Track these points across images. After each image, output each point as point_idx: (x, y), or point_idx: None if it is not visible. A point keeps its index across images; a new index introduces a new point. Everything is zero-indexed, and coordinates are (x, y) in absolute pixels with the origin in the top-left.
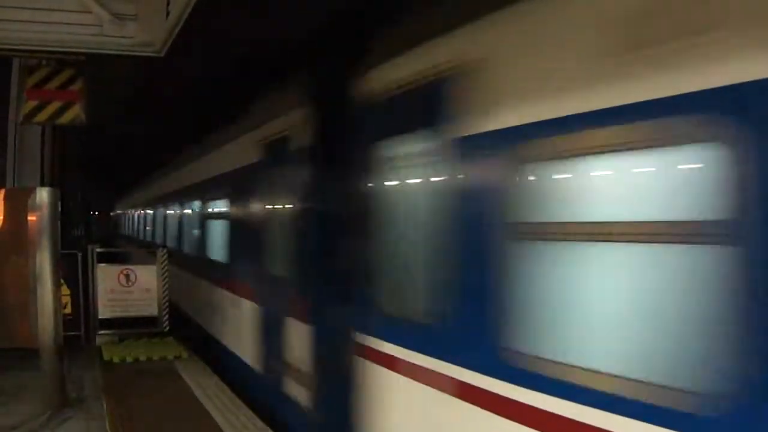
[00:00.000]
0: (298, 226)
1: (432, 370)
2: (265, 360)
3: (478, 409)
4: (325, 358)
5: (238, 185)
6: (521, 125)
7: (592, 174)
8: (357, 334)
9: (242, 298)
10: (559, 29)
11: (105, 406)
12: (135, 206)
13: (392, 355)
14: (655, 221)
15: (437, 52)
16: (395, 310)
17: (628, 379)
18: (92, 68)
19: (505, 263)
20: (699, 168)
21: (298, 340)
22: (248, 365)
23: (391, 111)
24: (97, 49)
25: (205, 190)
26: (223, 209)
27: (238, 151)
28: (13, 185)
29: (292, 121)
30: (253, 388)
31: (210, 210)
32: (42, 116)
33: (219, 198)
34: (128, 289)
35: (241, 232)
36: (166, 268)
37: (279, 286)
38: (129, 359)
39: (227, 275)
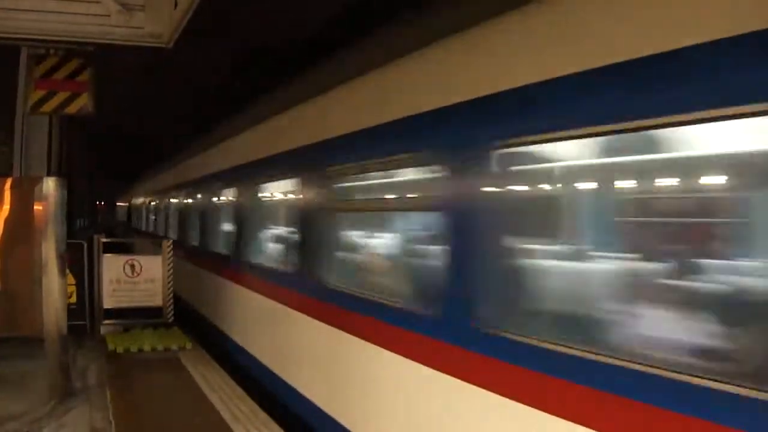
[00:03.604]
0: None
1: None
2: None
3: None
4: None
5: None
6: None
7: None
8: None
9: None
10: None
11: (109, 395)
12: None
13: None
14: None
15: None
16: None
17: None
18: (100, 58)
19: None
20: None
21: None
22: None
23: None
24: (105, 39)
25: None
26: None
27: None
28: (20, 175)
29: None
30: None
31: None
32: (49, 106)
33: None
34: (133, 279)
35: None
36: (171, 258)
37: None
38: (133, 349)
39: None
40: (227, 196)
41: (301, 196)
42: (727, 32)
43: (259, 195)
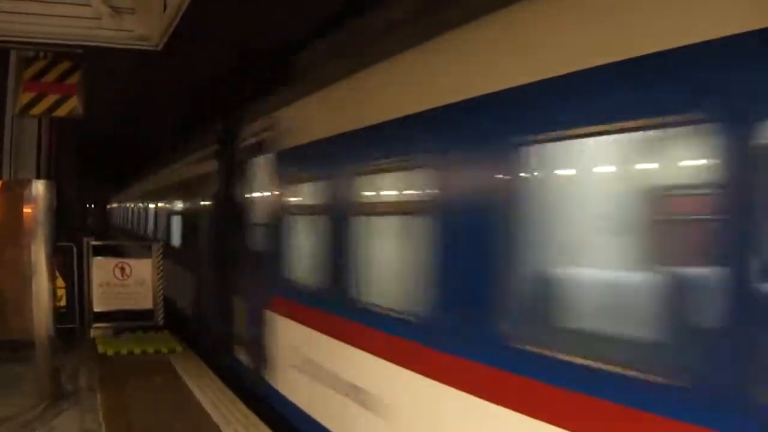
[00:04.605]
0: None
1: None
2: None
3: None
4: None
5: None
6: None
7: None
8: None
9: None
10: None
11: (99, 398)
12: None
13: None
14: None
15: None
16: None
17: None
18: (90, 61)
19: None
20: None
21: None
22: None
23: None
24: (94, 42)
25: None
26: None
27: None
28: (10, 177)
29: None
30: None
31: None
32: (39, 108)
33: None
34: (123, 282)
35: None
36: (161, 261)
37: None
38: (123, 352)
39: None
40: None
41: None
42: None
43: None
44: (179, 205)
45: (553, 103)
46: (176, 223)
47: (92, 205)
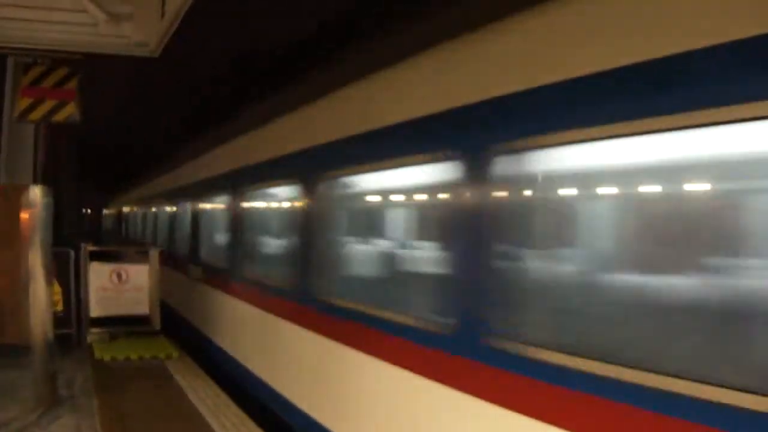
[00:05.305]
0: None
1: None
2: None
3: None
4: None
5: None
6: None
7: None
8: None
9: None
10: None
11: (96, 404)
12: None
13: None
14: None
15: None
16: None
17: None
18: (88, 67)
19: None
20: None
21: None
22: None
23: None
24: (91, 48)
25: None
26: None
27: None
28: (7, 182)
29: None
30: None
31: None
32: (36, 114)
33: None
34: (120, 287)
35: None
36: (158, 267)
37: None
38: (120, 358)
39: None
40: None
41: None
42: None
43: None
44: None
45: None
46: None
47: (89, 210)
